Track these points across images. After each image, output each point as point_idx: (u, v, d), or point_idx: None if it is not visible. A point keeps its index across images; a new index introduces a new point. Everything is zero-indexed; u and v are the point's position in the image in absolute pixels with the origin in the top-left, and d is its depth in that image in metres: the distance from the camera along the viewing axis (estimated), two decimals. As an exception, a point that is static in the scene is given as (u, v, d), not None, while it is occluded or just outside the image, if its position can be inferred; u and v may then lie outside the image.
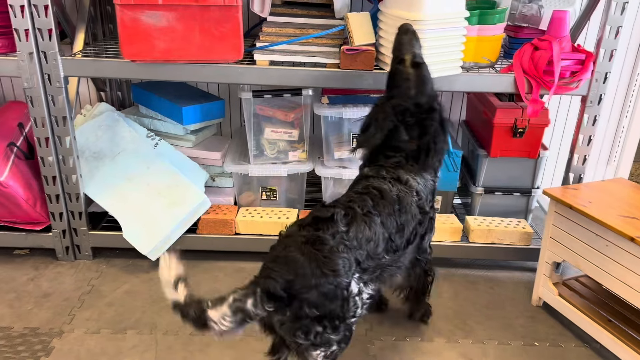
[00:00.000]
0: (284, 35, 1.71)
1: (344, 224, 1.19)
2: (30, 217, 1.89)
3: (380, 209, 1.27)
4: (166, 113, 2.03)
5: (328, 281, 1.11)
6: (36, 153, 1.82)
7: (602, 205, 1.53)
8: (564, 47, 1.61)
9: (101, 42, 2.00)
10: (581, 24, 1.83)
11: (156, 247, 1.84)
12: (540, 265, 1.69)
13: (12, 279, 1.84)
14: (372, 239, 1.22)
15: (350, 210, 1.23)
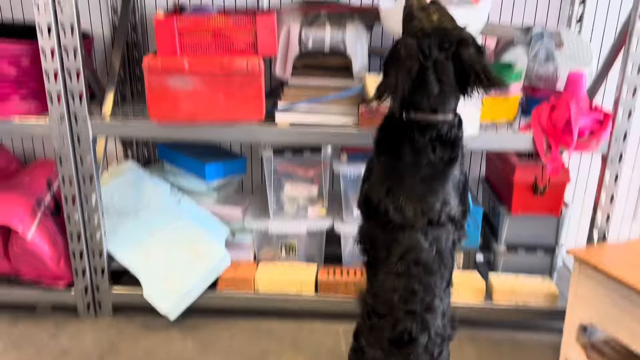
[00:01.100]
0: (304, 97, 1.76)
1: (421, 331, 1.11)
2: (54, 273, 1.91)
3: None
4: (190, 169, 2.07)
5: None
6: (62, 210, 1.85)
7: (628, 266, 1.50)
8: (582, 107, 1.63)
9: (130, 103, 2.08)
10: (599, 82, 1.85)
11: (176, 306, 1.85)
12: (567, 328, 1.66)
13: (33, 335, 1.85)
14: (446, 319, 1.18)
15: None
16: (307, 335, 1.85)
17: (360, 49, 1.79)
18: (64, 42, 1.67)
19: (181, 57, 1.66)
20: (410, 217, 1.14)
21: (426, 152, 1.17)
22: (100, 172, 1.88)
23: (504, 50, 1.86)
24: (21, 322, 1.92)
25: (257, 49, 1.67)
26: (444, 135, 1.17)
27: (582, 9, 2.02)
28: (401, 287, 1.11)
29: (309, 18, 1.80)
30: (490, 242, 2.01)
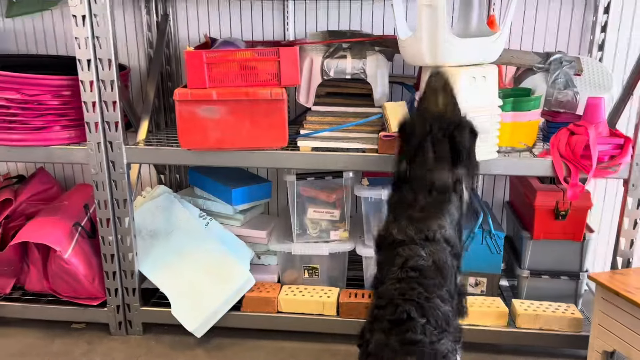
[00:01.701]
0: (326, 123, 1.81)
1: (420, 316, 1.19)
2: (89, 292, 1.96)
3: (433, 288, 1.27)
4: (217, 194, 2.10)
5: None
6: (98, 232, 1.90)
7: (650, 292, 1.50)
8: (601, 132, 1.63)
9: (163, 131, 2.15)
10: (620, 108, 1.84)
11: (202, 325, 1.87)
12: (590, 355, 1.64)
13: (67, 352, 1.88)
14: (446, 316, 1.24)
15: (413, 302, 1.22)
16: (329, 358, 1.85)
17: (381, 77, 1.82)
18: (102, 75, 1.74)
19: (210, 88, 1.71)
20: (410, 235, 1.28)
21: (424, 193, 1.36)
22: (134, 196, 1.94)
23: (524, 76, 1.88)
24: (57, 338, 1.96)
25: (280, 79, 1.71)
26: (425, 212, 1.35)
27: (604, 36, 2.03)
28: (401, 287, 1.23)
29: (331, 48, 1.84)
30: (514, 267, 2.00)
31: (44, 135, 1.85)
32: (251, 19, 2.21)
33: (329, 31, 2.09)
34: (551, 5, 2.06)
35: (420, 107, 1.53)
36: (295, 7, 2.16)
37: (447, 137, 1.39)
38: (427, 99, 1.48)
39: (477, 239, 1.90)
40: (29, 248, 2.02)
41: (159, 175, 2.37)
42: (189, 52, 1.71)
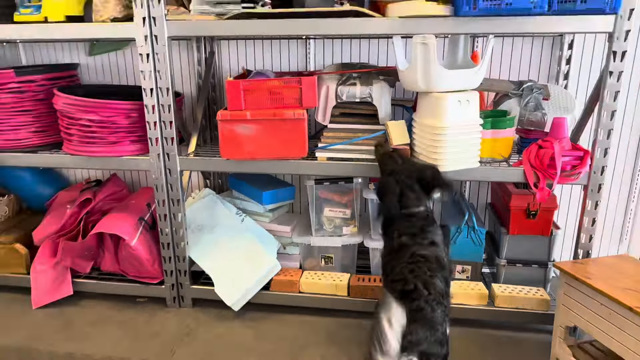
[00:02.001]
0: (339, 138, 1.82)
1: (423, 288, 1.28)
2: (150, 273, 2.02)
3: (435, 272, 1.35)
4: (251, 196, 2.13)
5: (441, 330, 1.24)
6: (157, 225, 1.96)
7: (606, 278, 1.48)
8: (564, 146, 1.63)
9: (208, 145, 2.17)
10: (581, 126, 1.83)
11: (238, 300, 1.90)
12: (555, 329, 1.62)
13: (132, 321, 1.94)
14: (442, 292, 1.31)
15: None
16: (340, 330, 1.86)
17: (385, 101, 1.82)
18: (162, 100, 1.80)
19: (245, 110, 1.74)
20: (416, 240, 1.41)
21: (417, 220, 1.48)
22: (185, 197, 1.97)
23: (501, 100, 1.89)
24: (124, 309, 2.02)
25: (302, 102, 1.74)
26: (422, 217, 1.49)
27: (568, 68, 2.03)
28: (410, 267, 1.33)
29: (344, 77, 1.86)
30: (493, 257, 2.00)
31: (116, 148, 1.91)
32: (279, 54, 2.24)
33: (342, 63, 2.12)
34: (524, 41, 2.07)
35: (383, 168, 1.61)
36: (315, 44, 2.20)
37: (415, 179, 1.50)
38: (386, 162, 1.60)
39: (463, 234, 1.91)
40: (104, 237, 2.08)
41: (205, 180, 2.41)
42: (229, 82, 1.75)
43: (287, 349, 1.75)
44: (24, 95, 1.98)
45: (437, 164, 1.63)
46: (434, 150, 1.63)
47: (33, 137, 2.01)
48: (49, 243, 2.09)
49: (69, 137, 1.93)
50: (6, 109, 1.97)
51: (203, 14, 1.79)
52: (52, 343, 1.79)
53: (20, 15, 1.90)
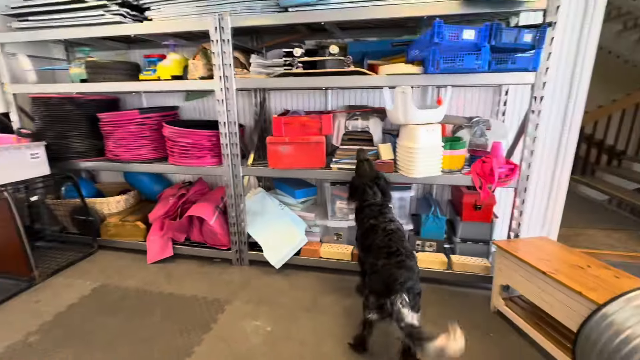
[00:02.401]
0: (347, 155, 1.83)
1: (402, 248, 1.33)
2: (222, 242, 2.07)
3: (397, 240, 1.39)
4: (288, 193, 2.16)
5: (416, 272, 1.29)
6: (227, 211, 2.01)
7: (529, 252, 1.48)
8: (500, 161, 1.63)
9: (260, 159, 2.15)
10: (513, 148, 1.81)
11: (279, 261, 1.93)
12: (494, 287, 1.62)
13: (210, 273, 1.98)
14: (412, 252, 1.36)
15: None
16: (346, 282, 1.87)
17: (378, 130, 1.86)
18: (231, 130, 1.86)
19: (284, 136, 1.80)
20: (381, 220, 1.48)
21: (376, 208, 1.53)
22: (245, 193, 2.01)
23: (457, 130, 1.89)
24: (205, 266, 2.05)
25: (321, 131, 1.78)
26: (378, 205, 1.54)
27: (505, 108, 2.00)
28: (388, 237, 1.37)
29: (350, 114, 1.90)
30: (451, 236, 1.97)
31: (202, 161, 1.98)
32: (308, 99, 2.26)
33: (349, 105, 2.15)
34: (474, 90, 2.05)
35: (357, 170, 1.65)
36: (331, 93, 2.22)
37: (374, 183, 1.57)
38: (360, 167, 1.64)
39: (430, 220, 1.91)
40: (193, 218, 2.14)
41: (258, 182, 2.44)
42: (275, 118, 1.81)
43: (311, 294, 1.78)
44: (145, 127, 2.08)
45: (412, 172, 1.65)
46: (410, 163, 1.65)
47: (150, 153, 2.11)
48: (158, 222, 2.17)
49: (172, 153, 2.02)
50: (134, 135, 2.08)
51: (259, 74, 1.86)
52: (159, 286, 1.87)
53: (143, 75, 2.02)
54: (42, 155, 2.02)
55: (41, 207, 2.33)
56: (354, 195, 1.60)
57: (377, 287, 1.25)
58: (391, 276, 1.22)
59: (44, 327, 1.56)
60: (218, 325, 1.55)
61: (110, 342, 1.46)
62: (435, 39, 1.37)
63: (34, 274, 1.91)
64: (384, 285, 1.22)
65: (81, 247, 2.27)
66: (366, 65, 1.78)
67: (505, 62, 1.47)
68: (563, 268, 1.34)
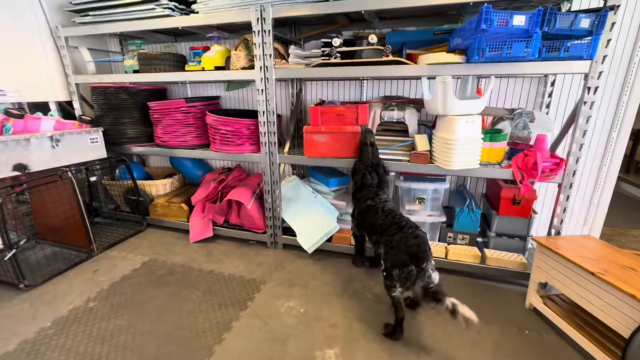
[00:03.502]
0: (382, 145, 1.77)
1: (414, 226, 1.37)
2: (258, 226, 2.08)
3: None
4: (321, 181, 2.12)
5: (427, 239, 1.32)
6: (264, 196, 2.01)
7: (573, 250, 1.37)
8: (544, 155, 1.51)
9: (296, 147, 2.17)
10: (558, 141, 1.66)
11: (311, 247, 1.92)
12: (531, 283, 1.52)
13: (246, 254, 2.00)
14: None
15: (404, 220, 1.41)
16: (377, 271, 1.83)
17: (413, 121, 1.78)
18: (269, 119, 1.84)
19: (320, 125, 1.76)
20: (377, 201, 1.54)
21: (372, 189, 1.61)
22: (280, 180, 2.00)
23: (497, 122, 1.77)
24: (242, 247, 2.08)
25: (358, 121, 1.73)
26: (374, 187, 1.60)
27: (550, 100, 1.84)
28: (391, 215, 1.44)
29: (386, 105, 1.83)
30: (485, 230, 1.87)
31: (241, 148, 1.98)
32: (343, 89, 2.21)
33: (385, 96, 2.08)
34: (517, 80, 1.90)
35: (359, 155, 1.68)
36: (367, 83, 2.15)
37: (374, 169, 1.61)
38: (363, 151, 1.65)
39: (465, 213, 1.82)
40: (232, 202, 2.17)
41: (292, 170, 2.43)
42: (312, 107, 1.77)
43: (341, 279, 1.76)
44: (189, 115, 2.13)
45: (449, 164, 1.57)
46: (447, 155, 1.57)
47: (193, 140, 2.15)
48: (200, 204, 2.22)
49: (214, 141, 2.04)
50: (179, 122, 2.13)
51: (297, 64, 1.83)
52: (201, 264, 1.92)
53: (189, 66, 2.05)
54: (100, 140, 2.13)
55: (99, 187, 2.47)
56: (354, 177, 1.65)
57: (402, 259, 1.27)
58: (414, 246, 1.26)
59: (101, 294, 1.67)
60: (254, 304, 1.57)
61: (158, 313, 1.53)
62: (482, 25, 1.26)
63: (92, 246, 2.04)
64: (408, 255, 1.26)
65: (132, 224, 2.39)
66: (404, 54, 1.69)
67: (557, 50, 1.33)
68: (613, 269, 1.22)
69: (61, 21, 2.19)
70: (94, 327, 1.45)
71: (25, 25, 2.09)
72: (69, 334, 1.41)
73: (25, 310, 1.56)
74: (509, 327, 1.42)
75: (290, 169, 2.42)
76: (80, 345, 1.35)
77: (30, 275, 1.78)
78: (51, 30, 2.15)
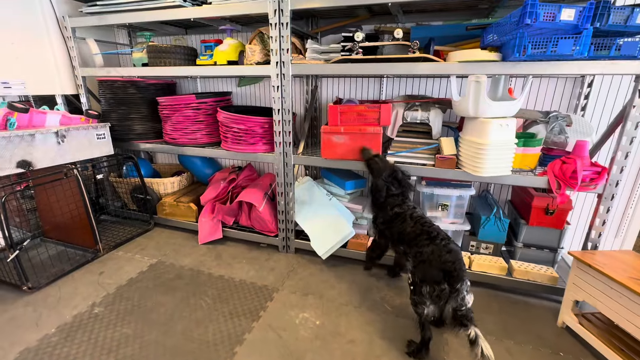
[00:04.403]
0: (404, 148, 1.69)
1: (447, 237, 1.27)
2: (270, 229, 2.01)
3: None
4: (336, 183, 2.05)
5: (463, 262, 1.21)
6: (276, 198, 1.95)
7: (614, 267, 1.25)
8: (584, 163, 1.39)
9: (310, 148, 2.10)
10: (597, 148, 1.55)
11: (326, 252, 1.84)
12: (565, 301, 1.41)
13: (257, 258, 1.93)
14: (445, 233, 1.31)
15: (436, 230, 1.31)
16: (397, 280, 1.75)
17: (438, 122, 1.68)
18: (285, 117, 1.75)
19: (339, 125, 1.67)
20: (405, 208, 1.44)
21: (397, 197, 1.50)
22: (294, 181, 1.92)
23: (529, 126, 1.65)
24: (253, 250, 2.01)
25: (380, 121, 1.63)
26: (400, 194, 1.51)
27: (586, 102, 1.72)
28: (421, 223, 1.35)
29: (409, 105, 1.73)
30: (512, 240, 1.77)
31: (254, 147, 1.90)
32: (361, 87, 2.11)
33: (407, 95, 1.97)
34: (550, 80, 1.78)
35: (372, 170, 1.58)
36: (386, 81, 2.05)
37: (393, 178, 1.51)
38: (372, 165, 1.57)
39: (491, 222, 1.71)
40: (242, 203, 2.10)
41: (306, 171, 2.38)
42: (331, 106, 1.67)
43: (358, 289, 1.68)
44: (200, 111, 2.04)
45: (478, 170, 1.46)
46: (477, 160, 1.46)
47: (204, 138, 2.07)
48: (210, 204, 2.15)
49: (225, 139, 1.96)
50: (189, 119, 2.04)
51: (314, 59, 1.72)
52: (210, 268, 1.84)
53: (200, 60, 1.95)
54: (107, 136, 2.04)
55: (105, 184, 2.39)
56: (377, 196, 1.51)
57: (434, 276, 1.16)
58: (448, 263, 1.16)
59: (107, 299, 1.59)
60: (267, 314, 1.49)
61: (166, 321, 1.45)
62: (526, 19, 1.14)
63: (98, 246, 1.96)
64: (441, 272, 1.16)
65: (139, 223, 2.31)
66: (432, 51, 1.58)
67: (607, 48, 1.21)
68: (664, 291, 1.11)
69: (68, 11, 2.10)
70: (99, 336, 1.37)
71: (32, 14, 1.99)
72: (73, 342, 1.33)
73: (29, 314, 1.48)
74: (542, 348, 1.32)
75: (302, 169, 2.36)
76: (85, 356, 1.27)
77: (34, 277, 1.71)
78: (58, 20, 2.06)
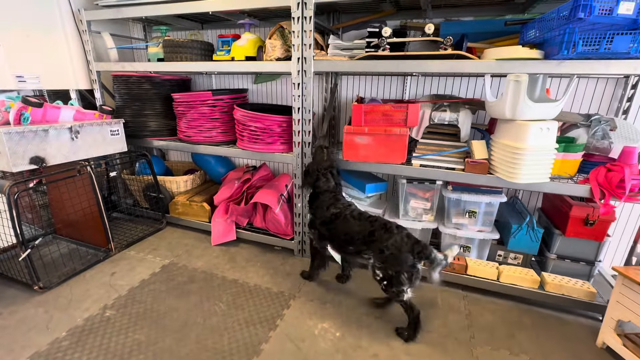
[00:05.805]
0: (431, 150, 1.61)
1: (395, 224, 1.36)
2: (285, 231, 1.96)
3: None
4: (356, 186, 1.96)
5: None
6: (292, 200, 1.90)
7: (668, 287, 1.15)
8: (633, 171, 1.28)
9: (330, 148, 2.07)
10: None
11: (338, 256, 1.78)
12: (607, 320, 1.30)
13: (272, 261, 1.87)
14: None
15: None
16: (419, 290, 1.64)
17: (467, 124, 1.58)
18: (304, 116, 1.68)
19: (364, 126, 1.59)
20: (339, 207, 1.48)
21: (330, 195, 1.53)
22: None
23: (568, 129, 1.53)
24: (267, 253, 1.96)
25: (406, 122, 1.55)
26: (331, 191, 1.54)
27: (629, 105, 1.60)
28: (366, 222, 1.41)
29: (437, 105, 1.63)
30: (543, 250, 1.66)
31: (271, 147, 1.83)
32: (383, 86, 2.03)
33: (435, 94, 1.88)
34: (589, 81, 1.67)
35: (314, 157, 1.64)
36: (411, 79, 1.96)
37: (328, 171, 1.55)
38: (317, 153, 1.61)
39: (523, 231, 1.60)
40: (257, 204, 2.04)
41: None
42: (355, 105, 1.59)
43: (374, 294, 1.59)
44: (216, 108, 1.98)
45: (514, 176, 1.36)
46: (513, 166, 1.36)
47: (219, 136, 2.01)
48: (223, 205, 2.10)
49: (242, 137, 1.89)
50: (205, 116, 1.98)
51: (336, 55, 1.64)
52: (224, 271, 1.78)
53: (217, 55, 1.88)
54: (121, 132, 1.99)
55: (118, 180, 2.35)
56: (306, 179, 1.59)
57: (407, 260, 1.28)
58: (415, 244, 1.29)
59: (119, 301, 1.53)
60: (284, 323, 1.42)
61: (180, 328, 1.39)
62: (578, 13, 1.04)
63: (110, 245, 1.91)
64: (411, 253, 1.28)
65: (151, 222, 2.26)
66: (465, 47, 1.48)
67: (667, 46, 1.10)
68: None
69: (83, 4, 2.05)
70: (110, 341, 1.31)
71: (47, 6, 1.95)
72: (84, 348, 1.28)
73: (39, 316, 1.44)
74: (582, 371, 1.22)
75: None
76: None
77: (45, 276, 1.67)
78: (73, 13, 2.01)
